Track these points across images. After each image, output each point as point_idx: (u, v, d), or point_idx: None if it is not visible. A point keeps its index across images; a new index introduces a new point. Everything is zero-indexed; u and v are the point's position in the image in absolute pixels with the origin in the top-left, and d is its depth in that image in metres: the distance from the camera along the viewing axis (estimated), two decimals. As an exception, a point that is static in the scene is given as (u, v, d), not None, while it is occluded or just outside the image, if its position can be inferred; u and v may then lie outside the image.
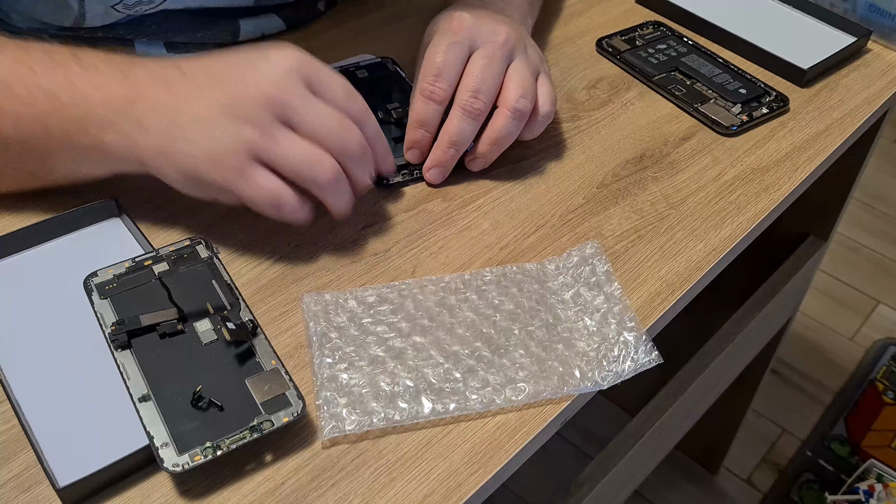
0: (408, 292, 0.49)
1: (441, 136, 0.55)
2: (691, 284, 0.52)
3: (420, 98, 0.55)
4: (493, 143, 0.56)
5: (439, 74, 0.55)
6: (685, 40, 0.73)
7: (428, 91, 0.55)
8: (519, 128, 0.56)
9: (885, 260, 1.79)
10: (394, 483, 0.41)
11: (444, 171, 0.57)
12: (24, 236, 0.50)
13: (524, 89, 0.55)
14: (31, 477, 0.40)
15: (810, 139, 0.64)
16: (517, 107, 0.55)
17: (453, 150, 0.55)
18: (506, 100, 0.55)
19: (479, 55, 0.55)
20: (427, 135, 0.56)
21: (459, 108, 0.55)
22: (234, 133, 0.45)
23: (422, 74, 0.55)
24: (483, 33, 0.56)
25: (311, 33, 0.71)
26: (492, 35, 0.56)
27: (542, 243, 0.54)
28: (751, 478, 1.41)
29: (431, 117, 0.55)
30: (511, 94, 0.55)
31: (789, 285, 0.90)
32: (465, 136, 0.55)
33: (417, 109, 0.55)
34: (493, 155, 0.57)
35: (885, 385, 1.53)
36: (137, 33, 0.62)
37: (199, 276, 0.47)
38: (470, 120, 0.55)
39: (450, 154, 0.56)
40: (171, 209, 0.54)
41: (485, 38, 0.56)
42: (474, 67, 0.55)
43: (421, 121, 0.55)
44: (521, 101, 0.55)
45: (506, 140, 0.56)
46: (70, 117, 0.47)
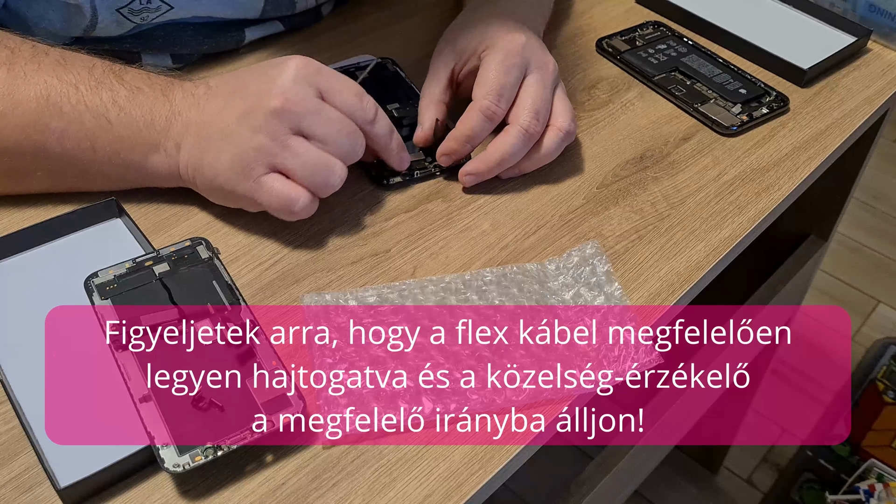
0: (408, 293, 0.49)
1: (492, 151, 0.56)
2: (691, 284, 0.52)
3: (478, 114, 0.56)
4: (539, 164, 0.58)
5: (501, 95, 0.56)
6: (685, 40, 0.73)
7: (490, 110, 0.56)
8: (560, 150, 0.59)
9: (885, 260, 1.79)
10: (394, 483, 0.41)
11: (479, 180, 0.58)
12: (25, 237, 0.50)
13: (572, 113, 0.58)
14: (31, 477, 0.40)
15: (810, 139, 0.64)
16: (570, 129, 0.58)
17: (499, 167, 0.56)
18: (557, 121, 0.57)
19: (534, 80, 0.57)
20: (470, 149, 0.57)
21: (521, 127, 0.55)
22: (250, 143, 0.48)
23: (482, 92, 0.56)
24: (536, 59, 0.57)
25: (312, 34, 0.71)
26: (543, 62, 0.58)
27: (542, 243, 0.54)
28: (751, 478, 1.41)
29: (483, 135, 0.57)
30: (562, 116, 0.58)
31: (789, 285, 0.90)
32: (517, 155, 0.56)
33: (472, 125, 0.56)
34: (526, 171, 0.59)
35: (885, 385, 1.53)
36: (144, 46, 0.63)
37: (200, 277, 0.47)
38: (526, 140, 0.56)
39: (494, 170, 0.57)
40: (171, 210, 0.54)
41: (538, 64, 0.57)
42: (532, 90, 0.56)
43: (471, 136, 0.56)
44: (572, 123, 0.58)
45: (548, 160, 0.59)
46: (118, 138, 0.50)
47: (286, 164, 0.49)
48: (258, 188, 0.49)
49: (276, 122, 0.48)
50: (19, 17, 0.59)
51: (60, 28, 0.59)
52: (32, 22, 0.59)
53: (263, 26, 0.68)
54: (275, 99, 0.48)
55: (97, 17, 0.58)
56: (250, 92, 0.49)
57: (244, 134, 0.48)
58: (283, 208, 0.49)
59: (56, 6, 0.57)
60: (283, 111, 0.48)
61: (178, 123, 0.50)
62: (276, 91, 0.48)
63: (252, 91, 0.49)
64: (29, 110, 0.49)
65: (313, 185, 0.49)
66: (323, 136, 0.49)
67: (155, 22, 0.61)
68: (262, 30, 0.68)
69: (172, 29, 0.63)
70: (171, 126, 0.50)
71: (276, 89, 0.48)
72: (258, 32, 0.68)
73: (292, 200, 0.49)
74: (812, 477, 1.40)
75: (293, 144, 0.48)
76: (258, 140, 0.48)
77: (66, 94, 0.49)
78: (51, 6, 0.58)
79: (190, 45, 0.64)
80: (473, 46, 0.58)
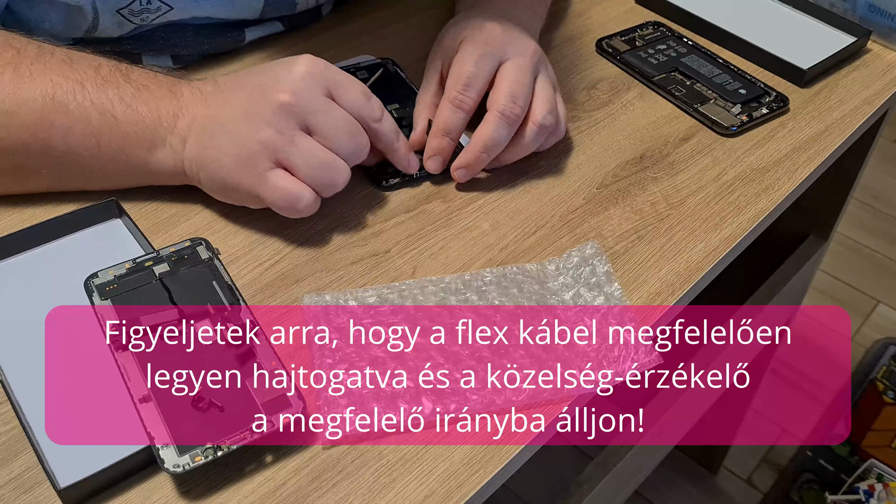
0: (408, 293, 0.49)
1: (475, 140, 0.56)
2: (691, 285, 0.52)
3: (448, 106, 0.56)
4: (517, 156, 0.58)
5: (469, 84, 0.55)
6: (685, 41, 0.73)
7: (458, 100, 0.55)
8: (538, 143, 0.58)
9: (885, 260, 1.79)
10: (394, 484, 0.41)
11: (472, 173, 0.57)
12: (25, 237, 0.50)
13: (551, 105, 0.57)
14: (32, 478, 0.40)
15: (810, 139, 0.64)
16: (544, 122, 0.56)
17: (485, 155, 0.56)
18: (534, 115, 0.56)
19: (512, 66, 0.56)
20: (452, 143, 0.57)
21: (498, 112, 0.55)
22: (256, 136, 0.48)
23: (451, 83, 0.56)
24: (513, 47, 0.57)
25: (312, 34, 0.71)
26: (522, 48, 0.57)
27: (542, 244, 0.54)
28: (751, 478, 1.41)
29: (458, 126, 0.56)
30: (539, 109, 0.56)
31: (789, 285, 0.90)
32: (500, 141, 0.56)
33: (445, 117, 0.56)
34: (506, 162, 0.58)
35: (885, 385, 1.54)
36: (145, 47, 0.63)
37: (200, 277, 0.47)
38: (506, 125, 0.55)
39: (482, 158, 0.56)
40: (171, 210, 0.54)
41: (515, 52, 0.57)
42: (508, 76, 0.56)
43: (447, 129, 0.56)
44: (549, 116, 0.56)
45: (527, 152, 0.58)
46: (124, 134, 0.50)
47: (291, 160, 0.48)
48: (262, 183, 0.49)
49: (284, 117, 0.48)
50: (21, 19, 0.59)
51: (62, 30, 0.59)
52: (34, 24, 0.59)
53: (263, 26, 0.68)
54: (283, 93, 0.48)
55: (98, 18, 0.58)
56: (258, 87, 0.49)
57: (250, 127, 0.48)
58: (287, 205, 0.49)
59: (58, 7, 0.58)
60: (290, 105, 0.48)
61: (185, 118, 0.50)
62: (284, 86, 0.48)
63: (260, 86, 0.49)
64: (35, 108, 0.49)
65: (318, 184, 0.49)
66: (328, 135, 0.49)
67: (155, 23, 0.61)
68: (262, 30, 0.68)
69: (173, 30, 0.63)
70: (178, 121, 0.50)
71: (284, 84, 0.49)
72: (258, 33, 0.68)
73: (297, 198, 0.49)
74: (812, 477, 1.40)
75: (299, 141, 0.48)
76: (264, 134, 0.48)
77: (73, 92, 0.49)
78: (52, 7, 0.58)
79: (190, 46, 0.64)
80: (454, 44, 0.59)
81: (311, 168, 0.49)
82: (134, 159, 0.51)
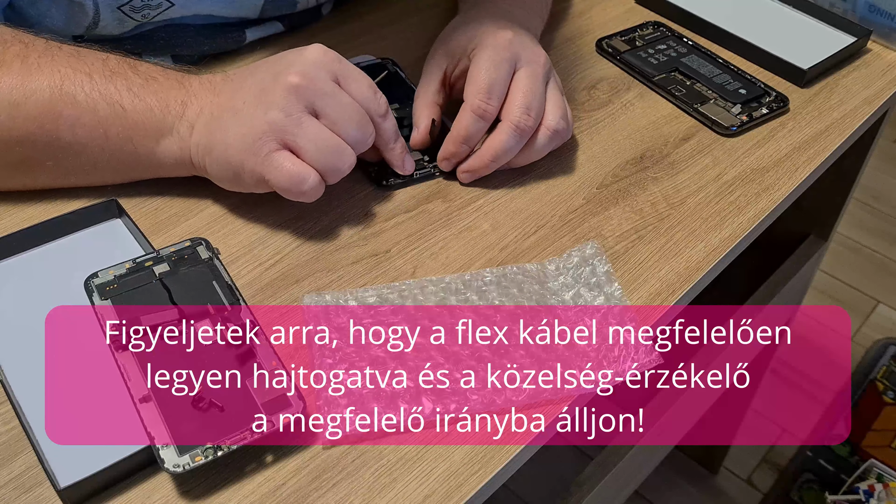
0: (408, 293, 0.49)
1: (486, 148, 0.56)
2: (691, 285, 0.52)
3: (470, 114, 0.56)
4: (529, 160, 0.58)
5: (491, 94, 0.55)
6: (685, 41, 0.73)
7: (481, 109, 0.55)
8: (551, 148, 0.58)
9: (885, 260, 1.79)
10: (394, 484, 0.41)
11: (477, 177, 0.58)
12: (25, 237, 0.50)
13: (563, 110, 0.57)
14: (32, 478, 0.40)
15: (810, 139, 0.64)
16: (558, 128, 0.57)
17: (494, 163, 0.56)
18: (547, 120, 0.57)
19: (525, 75, 0.56)
20: (468, 150, 0.57)
21: (512, 123, 0.55)
22: (264, 118, 0.48)
23: (472, 90, 0.56)
24: (525, 54, 0.57)
25: (312, 34, 0.71)
26: (534, 56, 0.57)
27: (542, 244, 0.54)
28: (751, 478, 1.41)
29: (478, 135, 0.56)
30: (551, 115, 0.57)
31: (789, 285, 0.90)
32: (511, 151, 0.56)
33: (466, 125, 0.56)
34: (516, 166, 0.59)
35: (885, 385, 1.54)
36: (146, 47, 0.63)
37: (200, 277, 0.47)
38: (519, 136, 0.55)
39: (490, 166, 0.57)
40: (172, 210, 0.54)
41: (528, 58, 0.57)
42: (523, 85, 0.56)
43: (467, 136, 0.56)
44: (561, 122, 0.57)
45: (538, 157, 0.58)
46: (132, 124, 0.50)
47: (297, 141, 0.48)
48: (268, 164, 0.48)
49: (293, 99, 0.48)
50: (23, 15, 0.59)
51: (63, 27, 0.59)
52: (35, 20, 0.59)
53: (264, 26, 0.68)
54: (293, 76, 0.49)
55: (99, 14, 0.58)
56: (269, 72, 0.50)
57: (259, 109, 0.48)
58: (291, 186, 0.49)
59: (59, 4, 0.58)
60: (299, 87, 0.48)
61: (194, 106, 0.50)
62: (295, 69, 0.49)
63: (271, 71, 0.50)
64: (42, 99, 0.49)
65: (323, 166, 0.49)
66: (335, 118, 0.49)
67: (156, 20, 0.61)
68: (262, 30, 0.68)
69: (174, 30, 0.63)
70: (187, 109, 0.50)
71: (295, 68, 0.49)
72: (258, 33, 0.68)
73: (302, 179, 0.49)
74: (812, 477, 1.40)
75: (306, 123, 0.48)
76: (272, 115, 0.48)
77: (81, 83, 0.49)
78: (54, 4, 0.58)
79: (191, 47, 0.64)
80: (463, 46, 0.58)
81: (318, 150, 0.49)
82: (141, 149, 0.51)
